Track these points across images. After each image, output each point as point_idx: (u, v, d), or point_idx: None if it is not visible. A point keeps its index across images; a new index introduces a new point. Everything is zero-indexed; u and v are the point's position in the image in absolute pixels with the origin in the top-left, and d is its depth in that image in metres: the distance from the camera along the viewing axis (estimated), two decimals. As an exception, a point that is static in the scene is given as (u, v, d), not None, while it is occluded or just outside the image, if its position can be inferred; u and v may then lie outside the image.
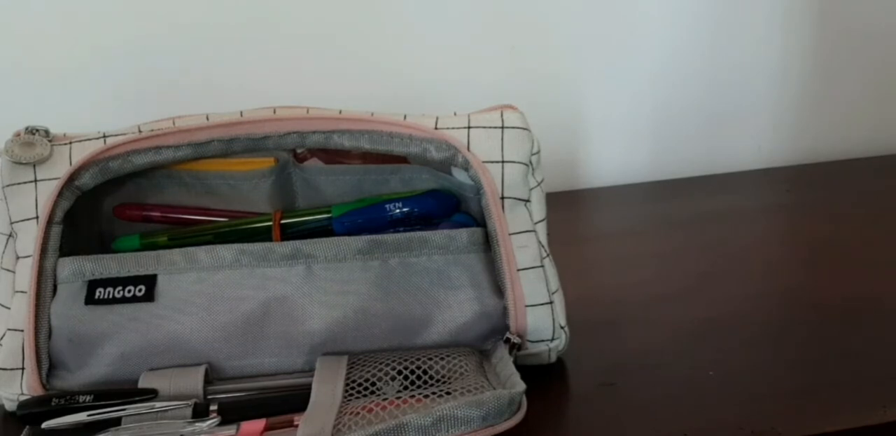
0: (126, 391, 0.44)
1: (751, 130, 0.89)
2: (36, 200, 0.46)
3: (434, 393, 0.42)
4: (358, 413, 0.41)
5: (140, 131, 0.47)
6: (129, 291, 0.46)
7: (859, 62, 0.89)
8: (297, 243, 0.47)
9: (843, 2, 0.86)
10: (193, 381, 0.44)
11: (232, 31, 0.74)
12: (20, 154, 0.46)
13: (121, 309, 0.45)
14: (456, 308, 0.46)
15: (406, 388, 0.44)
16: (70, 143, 0.47)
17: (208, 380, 0.45)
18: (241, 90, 0.73)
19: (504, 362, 0.45)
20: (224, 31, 0.74)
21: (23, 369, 0.45)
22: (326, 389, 0.43)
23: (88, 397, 0.43)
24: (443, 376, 0.44)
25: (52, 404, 0.43)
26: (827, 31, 0.87)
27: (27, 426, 0.43)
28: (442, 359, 0.45)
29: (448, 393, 0.42)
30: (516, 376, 0.42)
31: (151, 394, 0.44)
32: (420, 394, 0.42)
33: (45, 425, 0.43)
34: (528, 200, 0.48)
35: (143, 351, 0.45)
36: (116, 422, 0.43)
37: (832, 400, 0.46)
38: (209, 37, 0.74)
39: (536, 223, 0.49)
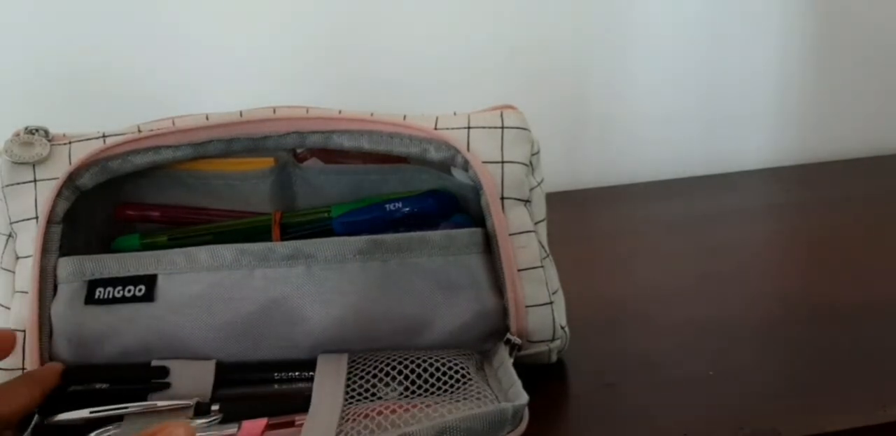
0: (139, 367, 0.45)
1: (751, 130, 0.89)
2: (35, 200, 0.46)
3: (436, 402, 0.42)
4: (359, 420, 0.41)
5: (140, 131, 0.47)
6: (129, 291, 0.46)
7: (859, 62, 0.89)
8: (297, 243, 0.47)
9: (844, 2, 0.86)
10: (205, 374, 0.45)
11: (230, 30, 0.74)
12: (19, 154, 0.46)
13: (121, 309, 0.45)
14: (456, 309, 0.46)
15: (407, 389, 0.44)
16: (69, 142, 0.47)
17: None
18: (240, 91, 0.73)
19: (505, 366, 0.44)
20: (222, 30, 0.74)
21: (23, 369, 0.45)
22: (328, 389, 0.43)
23: (104, 385, 0.44)
24: (444, 380, 0.44)
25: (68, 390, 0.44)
26: (827, 31, 0.87)
27: (35, 416, 0.43)
28: (442, 360, 0.45)
29: (451, 402, 0.42)
30: (519, 386, 0.42)
31: (163, 374, 0.44)
32: (422, 404, 0.42)
33: (48, 421, 0.43)
34: (528, 201, 0.48)
35: (143, 351, 0.45)
36: (118, 419, 0.43)
37: (832, 400, 0.46)
38: (205, 35, 0.74)
39: (536, 223, 0.49)
